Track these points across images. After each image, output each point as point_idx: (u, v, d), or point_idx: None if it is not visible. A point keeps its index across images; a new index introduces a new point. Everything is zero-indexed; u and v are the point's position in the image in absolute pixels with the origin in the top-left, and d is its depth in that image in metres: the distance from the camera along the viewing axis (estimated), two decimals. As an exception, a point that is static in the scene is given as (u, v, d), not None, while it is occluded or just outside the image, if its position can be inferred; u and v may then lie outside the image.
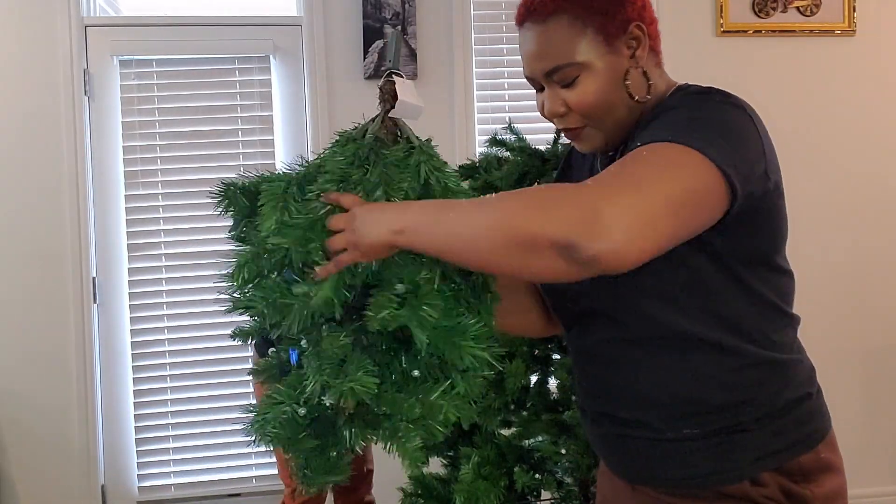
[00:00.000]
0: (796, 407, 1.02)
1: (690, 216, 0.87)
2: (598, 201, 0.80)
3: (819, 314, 3.14)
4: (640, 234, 0.80)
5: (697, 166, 0.86)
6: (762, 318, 1.02)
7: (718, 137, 0.90)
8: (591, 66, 1.02)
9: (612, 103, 1.03)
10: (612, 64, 1.03)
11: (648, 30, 1.07)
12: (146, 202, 2.86)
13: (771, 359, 1.01)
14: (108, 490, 2.87)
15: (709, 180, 0.87)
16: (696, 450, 1.01)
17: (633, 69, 1.04)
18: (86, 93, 2.81)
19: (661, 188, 0.83)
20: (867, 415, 3.16)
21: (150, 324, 2.86)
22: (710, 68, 3.08)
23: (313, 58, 2.89)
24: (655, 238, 0.82)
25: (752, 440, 0.99)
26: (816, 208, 3.15)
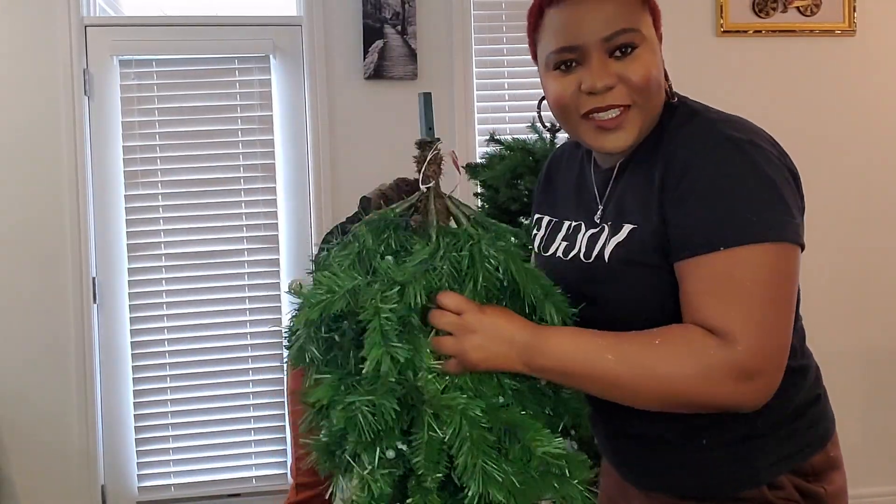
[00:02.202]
0: (808, 410, 1.04)
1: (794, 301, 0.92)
2: (752, 364, 0.85)
3: (819, 314, 3.14)
4: (785, 359, 0.89)
5: (787, 258, 0.89)
6: None
7: (780, 208, 0.90)
8: (650, 41, 1.01)
9: (660, 86, 1.02)
10: (658, 49, 1.03)
11: (660, 34, 1.07)
12: (146, 202, 2.86)
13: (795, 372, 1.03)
14: (108, 490, 2.87)
15: (796, 260, 0.90)
16: (714, 458, 1.01)
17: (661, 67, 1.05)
18: (86, 93, 2.81)
19: (786, 309, 0.88)
20: (868, 415, 3.16)
21: (150, 324, 2.86)
22: (710, 68, 3.09)
23: (313, 58, 2.89)
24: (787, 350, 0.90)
25: (767, 445, 1.00)
26: (817, 208, 3.13)
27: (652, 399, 0.89)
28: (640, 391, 0.89)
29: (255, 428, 2.91)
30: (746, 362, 0.85)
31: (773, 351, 0.86)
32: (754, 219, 0.88)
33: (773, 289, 0.87)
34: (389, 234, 0.94)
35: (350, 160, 2.92)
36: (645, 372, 0.88)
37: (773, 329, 0.86)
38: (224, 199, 2.89)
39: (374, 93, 2.92)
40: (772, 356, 0.86)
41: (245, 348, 2.91)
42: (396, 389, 0.86)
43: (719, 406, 0.87)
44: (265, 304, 2.91)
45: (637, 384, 0.88)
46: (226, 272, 2.89)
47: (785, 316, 0.88)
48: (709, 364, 0.85)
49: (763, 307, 0.86)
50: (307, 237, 2.92)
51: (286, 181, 2.92)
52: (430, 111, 1.00)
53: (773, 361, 0.87)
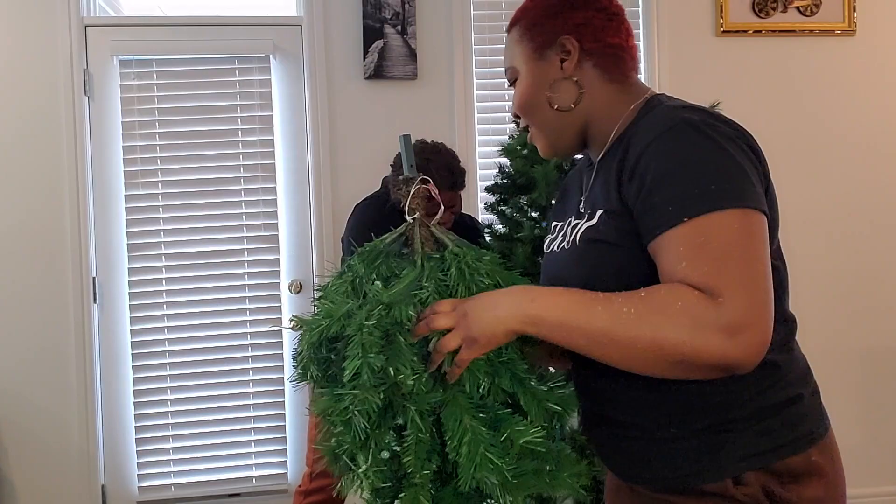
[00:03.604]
0: (786, 407, 1.01)
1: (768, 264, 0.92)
2: (741, 317, 0.85)
3: (819, 314, 3.14)
4: (771, 318, 0.88)
5: (758, 222, 0.91)
6: None
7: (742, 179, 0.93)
8: (522, 70, 1.14)
9: (535, 107, 1.13)
10: (537, 71, 1.12)
11: (591, 46, 1.10)
12: (146, 202, 2.86)
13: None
14: (108, 490, 2.87)
15: (762, 225, 0.92)
16: (684, 449, 1.02)
17: (561, 80, 1.11)
18: (86, 93, 2.81)
19: (764, 267, 0.89)
20: (867, 415, 3.16)
21: (150, 324, 2.86)
22: (710, 68, 3.09)
23: (313, 58, 2.89)
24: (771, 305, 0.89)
25: (737, 439, 0.99)
26: (816, 208, 3.15)
27: (643, 353, 0.89)
28: (631, 344, 0.89)
29: (255, 428, 2.91)
30: (733, 315, 0.85)
31: (757, 304, 0.86)
32: (714, 187, 0.91)
33: (746, 248, 0.89)
34: (381, 261, 1.03)
35: (350, 160, 2.92)
36: (635, 322, 0.89)
37: (753, 284, 0.87)
38: (224, 199, 2.89)
39: (374, 93, 2.93)
40: (756, 309, 0.86)
41: (245, 348, 2.91)
42: (378, 387, 0.94)
43: (711, 362, 0.86)
44: (265, 304, 2.91)
45: (629, 336, 0.89)
46: (226, 272, 2.89)
47: (763, 273, 0.89)
48: (697, 316, 0.86)
49: (740, 264, 0.88)
50: (307, 237, 2.92)
51: (286, 181, 2.92)
52: (411, 151, 1.12)
53: (759, 314, 0.86)
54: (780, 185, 3.38)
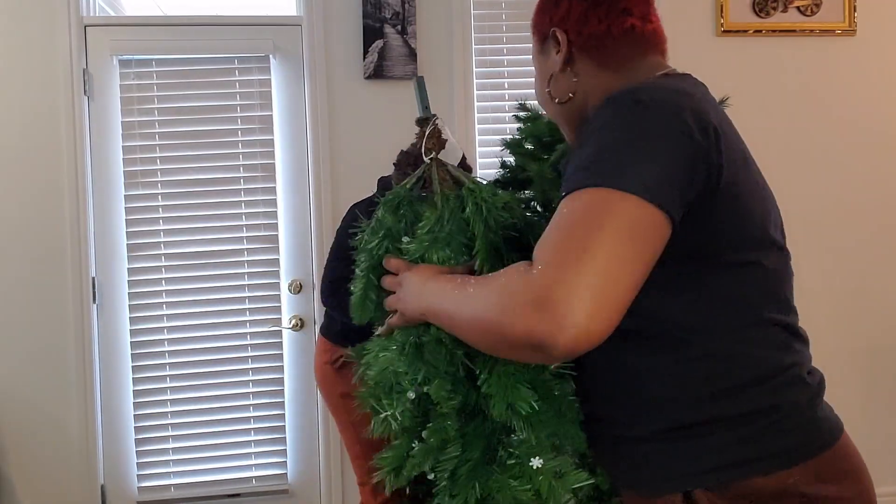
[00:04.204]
0: (754, 418, 0.92)
1: (639, 261, 0.82)
2: (549, 290, 0.78)
3: (820, 314, 3.14)
4: (600, 308, 0.78)
5: (626, 209, 0.81)
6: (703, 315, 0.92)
7: (636, 161, 0.84)
8: (534, 62, 1.16)
9: (544, 102, 1.15)
10: (540, 64, 1.14)
11: (576, 37, 1.07)
12: (146, 202, 2.86)
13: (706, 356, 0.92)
14: (108, 490, 2.87)
15: (642, 216, 0.82)
16: (643, 452, 0.97)
17: (558, 72, 1.09)
18: (85, 93, 2.81)
19: (601, 251, 0.79)
20: (868, 415, 3.16)
21: (150, 324, 2.86)
22: (710, 68, 3.07)
23: (313, 58, 2.89)
24: (616, 303, 0.79)
25: (691, 449, 0.92)
26: (816, 208, 3.15)
27: (478, 333, 0.86)
28: (469, 325, 0.87)
29: (254, 428, 2.91)
30: (541, 286, 0.78)
31: (570, 282, 0.77)
32: (597, 165, 0.84)
33: (587, 228, 0.80)
34: (404, 208, 1.06)
35: (350, 160, 2.92)
36: (470, 302, 0.87)
37: (576, 263, 0.78)
38: (224, 199, 2.89)
39: (374, 93, 2.92)
40: (569, 287, 0.77)
41: (245, 348, 2.90)
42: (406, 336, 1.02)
43: (519, 337, 0.79)
44: (265, 304, 2.91)
45: (465, 317, 0.87)
46: (226, 272, 2.89)
47: (594, 256, 0.78)
48: (509, 289, 0.81)
49: (570, 240, 0.80)
50: (307, 237, 2.92)
51: (286, 181, 2.92)
52: (425, 92, 1.13)
53: (572, 292, 0.76)
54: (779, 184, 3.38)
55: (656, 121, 0.86)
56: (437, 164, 1.07)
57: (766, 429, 0.91)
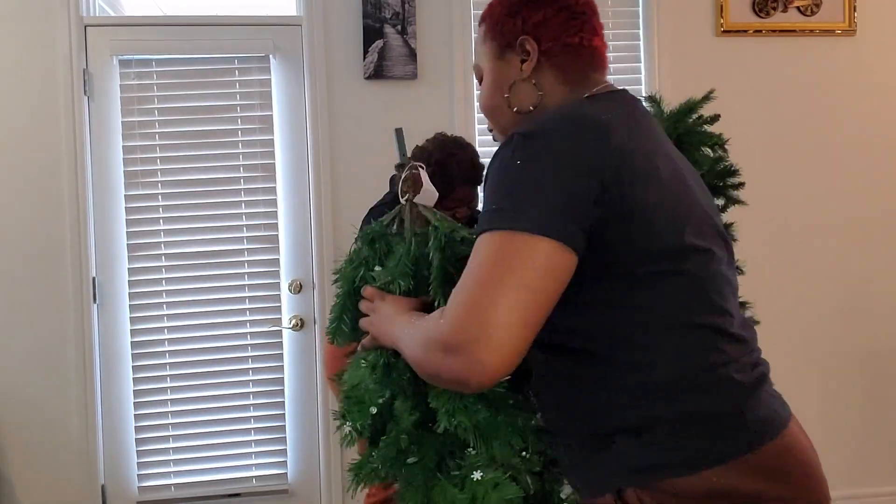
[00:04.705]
0: (674, 423, 0.95)
1: (541, 295, 0.89)
2: (455, 337, 0.88)
3: (820, 314, 3.14)
4: (502, 346, 0.86)
5: (526, 248, 0.89)
6: (623, 327, 0.97)
7: (532, 200, 0.90)
8: (486, 69, 1.15)
9: (495, 108, 1.14)
10: (498, 71, 1.13)
11: (549, 46, 1.09)
12: (146, 202, 2.86)
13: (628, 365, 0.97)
14: (108, 490, 2.87)
15: (542, 252, 0.89)
16: (579, 457, 1.03)
17: (521, 81, 1.10)
18: (85, 93, 2.81)
19: (501, 293, 0.87)
20: (867, 415, 3.16)
21: (150, 324, 2.86)
22: (710, 68, 3.09)
23: (313, 58, 2.89)
24: (518, 339, 0.87)
25: (617, 452, 0.97)
26: (816, 207, 3.15)
27: (414, 366, 0.98)
28: (409, 360, 0.99)
29: (254, 428, 2.91)
30: (448, 336, 0.88)
31: (476, 328, 0.86)
32: (495, 208, 0.92)
33: (488, 272, 0.88)
34: (379, 242, 1.19)
35: (350, 160, 2.92)
36: (408, 342, 0.99)
37: (478, 307, 0.87)
38: (224, 199, 2.89)
39: (374, 93, 2.92)
40: (473, 331, 0.86)
41: (245, 348, 2.90)
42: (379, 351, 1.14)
43: (441, 377, 0.91)
44: (265, 304, 2.91)
45: (407, 353, 0.99)
46: (226, 272, 2.89)
47: (499, 298, 0.86)
48: (428, 337, 0.92)
49: (473, 287, 0.88)
50: (307, 237, 2.92)
51: (286, 181, 2.92)
52: (403, 142, 1.29)
53: (477, 337, 0.86)
54: (779, 184, 3.36)
55: (550, 156, 0.92)
56: (411, 205, 1.19)
57: (690, 430, 0.95)
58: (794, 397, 3.44)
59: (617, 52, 3.07)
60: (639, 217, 0.94)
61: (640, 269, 0.96)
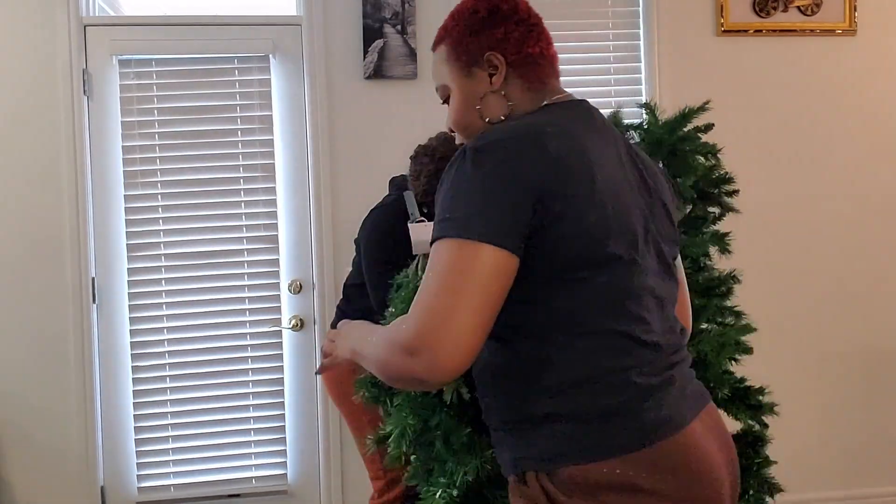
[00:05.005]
0: (561, 419, 1.05)
1: (490, 297, 0.98)
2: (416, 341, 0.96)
3: (820, 314, 3.14)
4: (457, 345, 0.95)
5: (474, 255, 0.98)
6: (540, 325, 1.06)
7: (478, 209, 0.99)
8: (454, 88, 1.22)
9: (468, 122, 1.21)
10: (468, 87, 1.20)
11: (514, 58, 1.18)
12: (145, 202, 2.86)
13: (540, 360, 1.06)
14: (108, 491, 2.86)
15: (480, 254, 0.98)
16: (495, 442, 1.16)
17: (490, 94, 1.18)
18: (85, 92, 2.81)
19: (454, 297, 0.96)
20: (868, 415, 3.16)
21: (150, 324, 2.86)
22: (710, 68, 3.08)
23: (313, 58, 2.89)
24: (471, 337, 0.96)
25: (517, 440, 1.09)
26: (817, 208, 3.15)
27: (380, 374, 1.05)
28: (374, 367, 1.06)
29: (254, 428, 2.91)
30: (407, 339, 0.97)
31: (436, 332, 0.95)
32: (447, 217, 1.01)
33: (443, 278, 0.97)
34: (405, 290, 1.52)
35: (350, 160, 2.92)
36: (373, 348, 1.06)
37: (437, 313, 0.96)
38: (224, 199, 2.88)
39: (374, 93, 2.92)
40: (429, 335, 0.95)
41: (245, 348, 2.90)
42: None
43: (403, 377, 0.99)
44: (265, 304, 2.91)
45: (371, 361, 1.07)
46: (226, 272, 2.89)
47: (456, 303, 0.96)
48: (392, 342, 1.00)
49: (430, 293, 0.97)
50: (307, 237, 2.92)
51: (286, 181, 2.91)
52: (413, 202, 1.70)
53: (435, 339, 0.95)
54: (779, 184, 3.36)
55: (494, 168, 1.01)
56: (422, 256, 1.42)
57: (590, 424, 1.04)
58: (794, 398, 3.46)
59: (617, 52, 3.07)
60: (565, 226, 1.02)
61: (562, 274, 1.04)
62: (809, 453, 3.08)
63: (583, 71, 3.04)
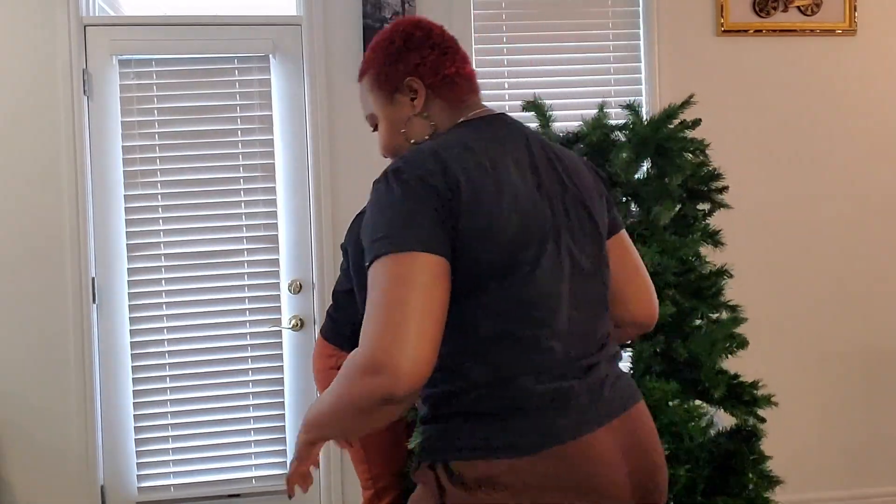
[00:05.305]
0: (453, 420, 1.11)
1: (435, 301, 1.01)
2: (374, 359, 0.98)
3: (820, 314, 3.14)
4: (416, 353, 0.98)
5: (404, 264, 1.02)
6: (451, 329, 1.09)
7: (406, 224, 1.04)
8: (380, 115, 1.30)
9: (397, 145, 1.27)
10: (392, 114, 1.28)
11: (432, 81, 1.24)
12: (145, 202, 2.86)
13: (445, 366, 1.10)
14: (108, 490, 2.86)
15: (417, 265, 1.02)
16: (420, 432, 1.19)
17: (414, 117, 1.25)
18: (85, 92, 2.81)
19: (401, 308, 0.99)
20: (868, 415, 3.16)
21: (150, 324, 2.86)
22: (710, 68, 3.09)
23: (313, 58, 2.89)
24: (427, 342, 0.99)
25: (427, 435, 1.15)
26: (816, 207, 3.15)
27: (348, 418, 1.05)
28: (335, 415, 1.06)
29: (254, 428, 2.91)
30: (366, 359, 0.98)
31: (394, 346, 0.97)
32: (379, 236, 1.04)
33: (387, 292, 1.00)
34: None
35: (350, 160, 2.92)
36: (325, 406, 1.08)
37: (390, 328, 0.98)
38: (224, 199, 2.89)
39: (374, 93, 2.92)
40: (390, 349, 0.97)
41: (245, 348, 2.90)
42: None
43: (372, 398, 0.99)
44: (265, 304, 2.91)
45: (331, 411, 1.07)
46: (226, 272, 2.89)
47: (403, 313, 0.99)
48: (348, 374, 1.01)
49: (379, 311, 1.00)
50: (307, 237, 2.92)
51: (286, 181, 2.91)
52: None
53: (393, 353, 0.97)
54: (779, 184, 3.36)
55: (411, 187, 1.06)
56: None
57: (486, 425, 1.08)
58: (794, 398, 3.46)
59: (617, 52, 3.07)
60: (470, 239, 1.06)
61: (468, 284, 1.08)
62: (809, 453, 3.08)
63: (583, 71, 3.04)
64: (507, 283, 1.09)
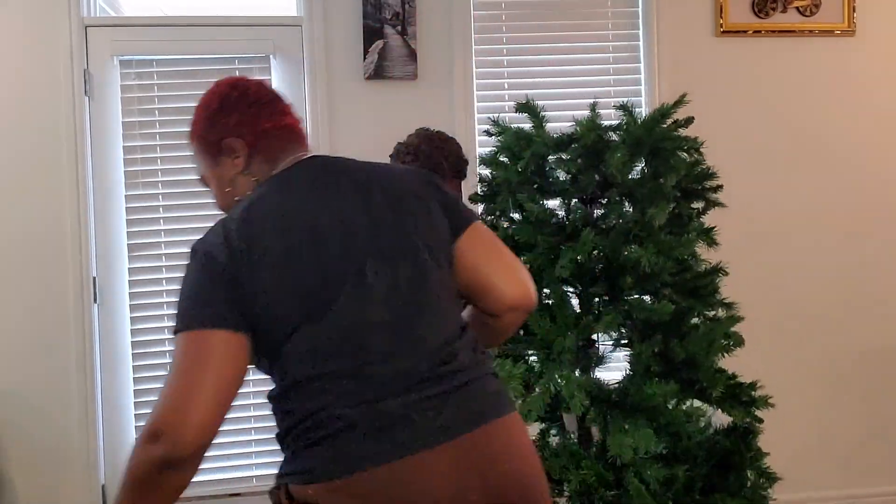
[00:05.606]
0: (287, 447, 1.21)
1: (225, 378, 1.11)
2: (155, 426, 1.05)
3: (820, 314, 3.15)
4: (203, 422, 1.08)
5: (192, 341, 1.10)
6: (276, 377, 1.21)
7: (196, 302, 1.12)
8: (208, 177, 1.35)
9: (226, 205, 1.32)
10: (218, 174, 1.32)
11: (251, 140, 1.28)
12: (146, 202, 2.86)
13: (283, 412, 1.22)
14: (108, 490, 2.87)
15: (206, 339, 1.10)
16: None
17: (238, 175, 1.30)
18: (86, 93, 2.82)
19: (184, 379, 1.08)
20: (867, 414, 3.16)
21: (151, 324, 2.86)
22: (710, 68, 3.09)
23: (313, 58, 2.89)
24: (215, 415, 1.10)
25: (283, 457, 1.24)
26: (817, 208, 3.15)
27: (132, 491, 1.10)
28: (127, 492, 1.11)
29: (255, 427, 2.92)
30: (155, 424, 1.06)
31: (172, 411, 1.06)
32: (176, 312, 1.13)
33: (178, 366, 1.09)
34: None
35: (350, 160, 2.92)
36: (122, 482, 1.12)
37: (175, 397, 1.07)
38: (224, 199, 2.89)
39: (374, 93, 2.93)
40: (171, 415, 1.05)
41: (245, 348, 2.90)
42: None
43: (152, 463, 1.06)
44: (265, 304, 2.91)
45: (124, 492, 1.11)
46: (226, 272, 2.89)
47: (191, 386, 1.07)
48: (139, 441, 1.07)
49: (168, 383, 1.08)
50: (307, 237, 2.92)
51: (286, 181, 2.92)
52: None
53: (174, 418, 1.05)
54: (779, 184, 3.36)
55: (202, 265, 1.15)
56: None
57: (307, 454, 1.16)
58: (793, 398, 3.46)
59: (617, 52, 3.07)
60: (260, 299, 1.12)
61: (274, 336, 1.14)
62: (808, 453, 3.08)
63: (583, 71, 3.05)
64: (310, 328, 1.13)
